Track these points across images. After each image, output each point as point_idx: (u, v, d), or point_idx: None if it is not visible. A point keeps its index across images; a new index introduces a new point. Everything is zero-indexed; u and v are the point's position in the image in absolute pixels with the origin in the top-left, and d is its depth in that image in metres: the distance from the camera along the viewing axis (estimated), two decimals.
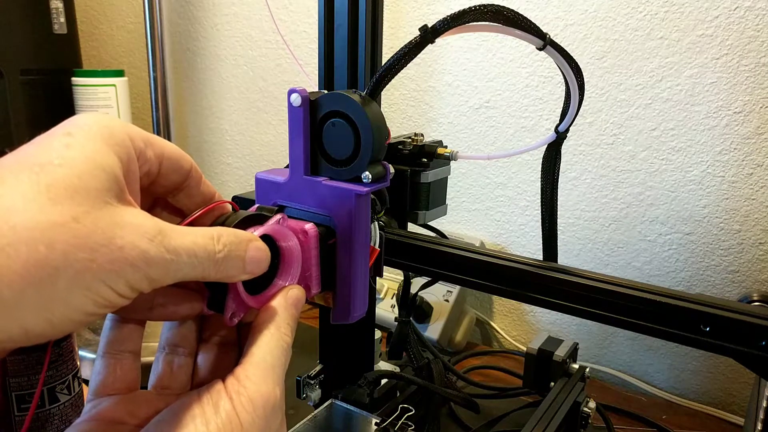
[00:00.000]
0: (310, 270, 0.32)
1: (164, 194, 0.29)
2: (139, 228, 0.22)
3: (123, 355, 0.29)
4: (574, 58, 0.42)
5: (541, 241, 0.50)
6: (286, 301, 0.29)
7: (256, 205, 0.33)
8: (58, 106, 1.06)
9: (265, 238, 0.29)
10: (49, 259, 0.19)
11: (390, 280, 0.95)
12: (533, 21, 0.39)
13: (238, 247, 0.26)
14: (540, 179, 0.48)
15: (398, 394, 0.67)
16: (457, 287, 0.89)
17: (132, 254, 0.21)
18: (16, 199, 0.20)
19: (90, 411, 0.27)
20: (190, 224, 0.29)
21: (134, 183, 0.24)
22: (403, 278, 0.67)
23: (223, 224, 0.29)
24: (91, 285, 0.21)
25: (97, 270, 0.21)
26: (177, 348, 0.31)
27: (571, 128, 0.45)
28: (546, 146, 0.47)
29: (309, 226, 0.32)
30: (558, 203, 0.49)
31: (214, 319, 0.32)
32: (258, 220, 0.30)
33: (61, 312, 0.20)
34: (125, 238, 0.21)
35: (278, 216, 0.31)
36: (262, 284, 0.30)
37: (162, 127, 1.15)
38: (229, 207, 0.32)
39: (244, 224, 0.29)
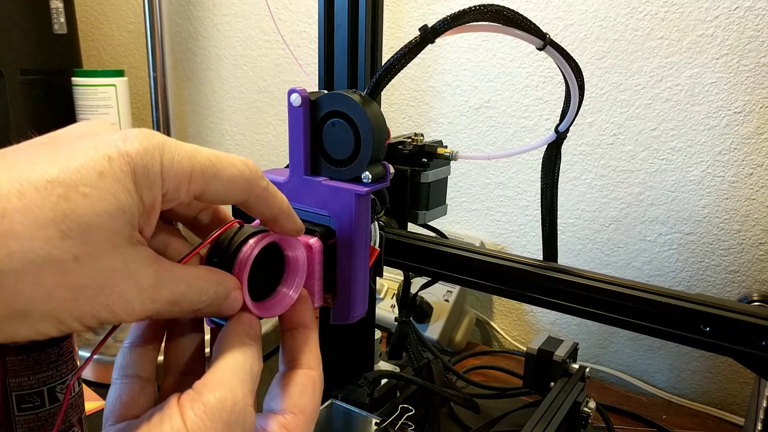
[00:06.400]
0: (312, 284, 0.32)
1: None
2: (133, 277, 0.22)
3: (130, 380, 0.28)
4: (574, 58, 0.42)
5: (541, 241, 0.50)
6: (237, 318, 0.28)
7: None
8: (58, 106, 1.06)
9: (271, 245, 0.29)
10: (31, 295, 0.19)
11: (390, 280, 0.95)
12: (533, 21, 0.39)
13: (219, 298, 0.26)
14: (540, 179, 0.48)
15: (398, 394, 0.67)
16: (457, 287, 0.89)
17: (115, 303, 0.21)
18: (27, 221, 0.19)
19: None
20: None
21: (152, 219, 0.23)
22: (403, 278, 0.67)
23: (221, 243, 0.28)
24: (64, 319, 0.21)
25: (75, 309, 0.21)
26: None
27: (571, 128, 0.45)
28: (546, 146, 0.47)
29: (313, 241, 0.32)
30: (558, 203, 0.49)
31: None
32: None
33: (24, 334, 0.20)
34: (115, 287, 0.21)
35: None
36: (265, 292, 0.30)
37: (162, 127, 1.14)
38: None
39: (248, 239, 0.29)
